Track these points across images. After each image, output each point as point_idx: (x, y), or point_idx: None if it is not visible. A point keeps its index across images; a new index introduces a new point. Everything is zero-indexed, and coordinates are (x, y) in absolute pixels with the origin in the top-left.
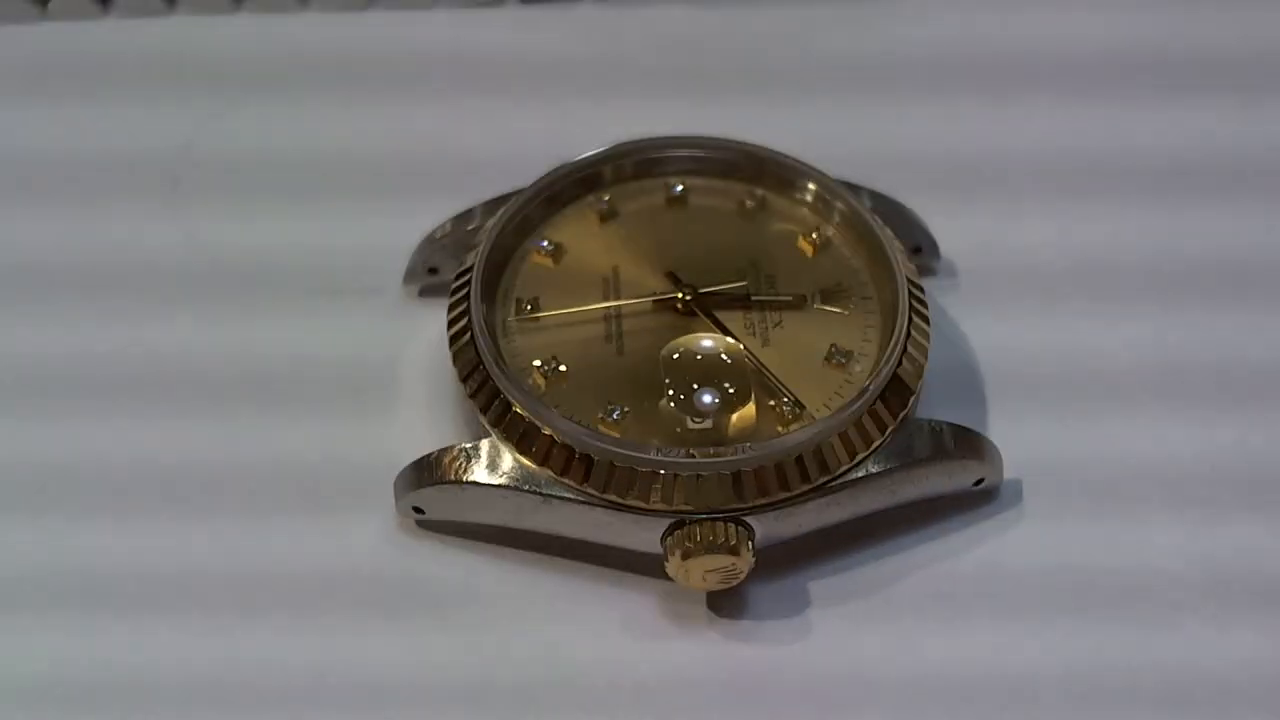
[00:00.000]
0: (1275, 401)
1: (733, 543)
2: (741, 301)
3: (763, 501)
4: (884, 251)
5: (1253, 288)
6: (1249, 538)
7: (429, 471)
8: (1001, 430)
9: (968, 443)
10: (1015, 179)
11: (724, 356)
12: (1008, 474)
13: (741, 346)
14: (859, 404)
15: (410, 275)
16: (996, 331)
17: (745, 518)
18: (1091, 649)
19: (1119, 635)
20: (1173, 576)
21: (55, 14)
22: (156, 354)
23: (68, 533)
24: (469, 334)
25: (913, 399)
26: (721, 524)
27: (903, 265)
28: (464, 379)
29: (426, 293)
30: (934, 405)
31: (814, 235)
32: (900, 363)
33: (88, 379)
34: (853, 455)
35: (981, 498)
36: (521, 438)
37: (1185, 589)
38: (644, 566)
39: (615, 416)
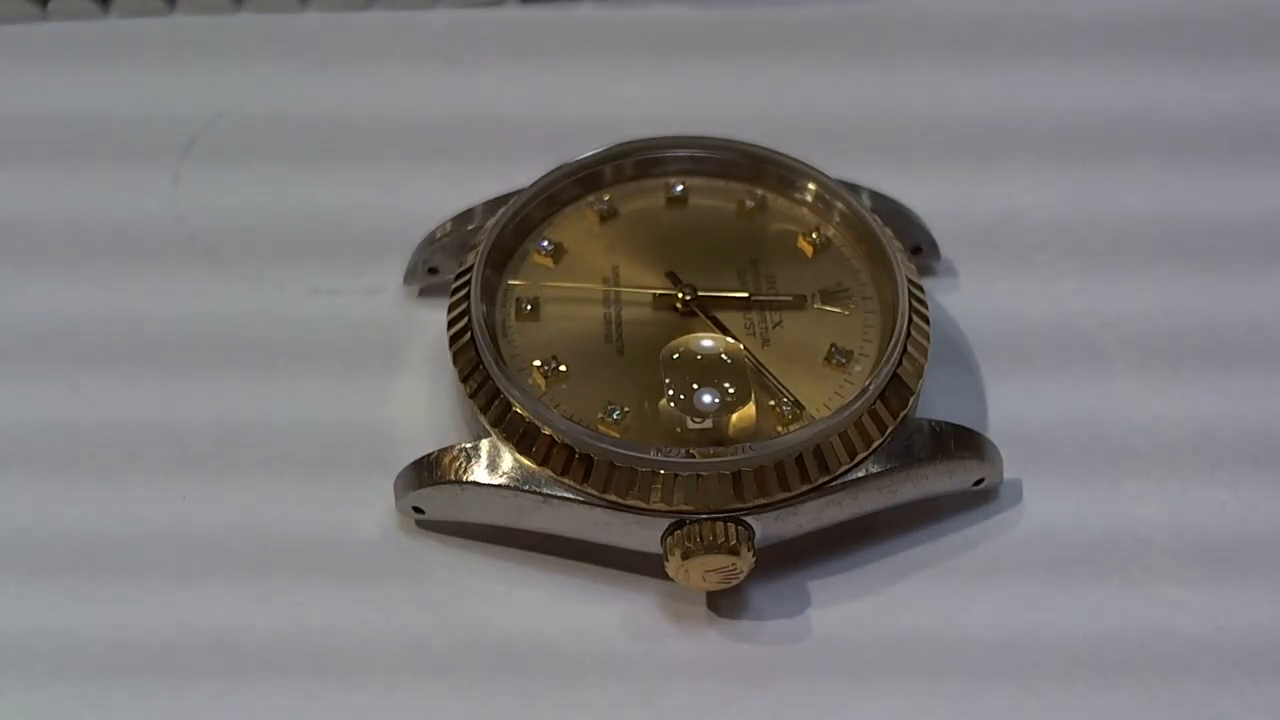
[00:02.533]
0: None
1: (733, 543)
2: (741, 301)
3: (763, 501)
4: (884, 251)
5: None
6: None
7: (429, 471)
8: (1001, 429)
9: (967, 442)
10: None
11: (724, 356)
12: (1008, 473)
13: (741, 347)
14: (859, 404)
15: (410, 275)
16: (995, 328)
17: (745, 518)
18: (1093, 649)
19: (1122, 634)
20: (1178, 576)
21: (55, 14)
22: (156, 354)
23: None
24: (469, 334)
25: (913, 399)
26: (721, 524)
27: (903, 265)
28: (464, 379)
29: (426, 293)
30: (934, 404)
31: (814, 235)
32: (900, 363)
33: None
34: (853, 455)
35: (981, 497)
36: (521, 437)
37: (1187, 585)
38: (644, 566)
39: (615, 416)
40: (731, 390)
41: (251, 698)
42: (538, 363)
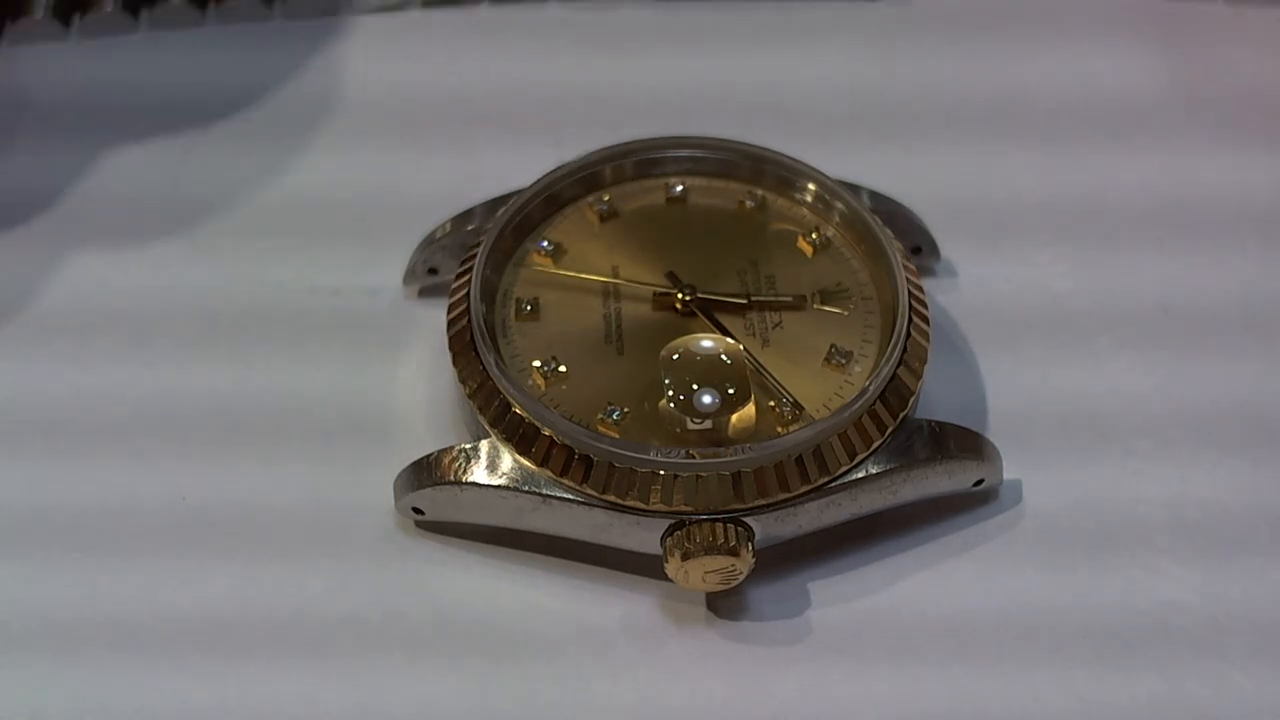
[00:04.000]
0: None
1: (732, 544)
2: (741, 302)
3: (762, 502)
4: (884, 252)
5: None
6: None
7: (428, 472)
8: (1001, 430)
9: (967, 443)
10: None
11: (723, 357)
12: (1008, 473)
13: (741, 347)
14: (858, 405)
15: (410, 276)
16: (995, 328)
17: (745, 518)
18: (1093, 650)
19: (1123, 632)
20: (1179, 577)
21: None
22: (158, 356)
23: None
24: (469, 334)
25: (912, 399)
26: (721, 525)
27: (902, 265)
28: (463, 379)
29: (426, 293)
30: (933, 405)
31: (814, 235)
32: (900, 363)
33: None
34: (852, 456)
35: (981, 498)
36: (521, 438)
37: (1187, 587)
38: (644, 567)
39: (615, 417)
40: (731, 391)
41: (251, 694)
42: (537, 363)
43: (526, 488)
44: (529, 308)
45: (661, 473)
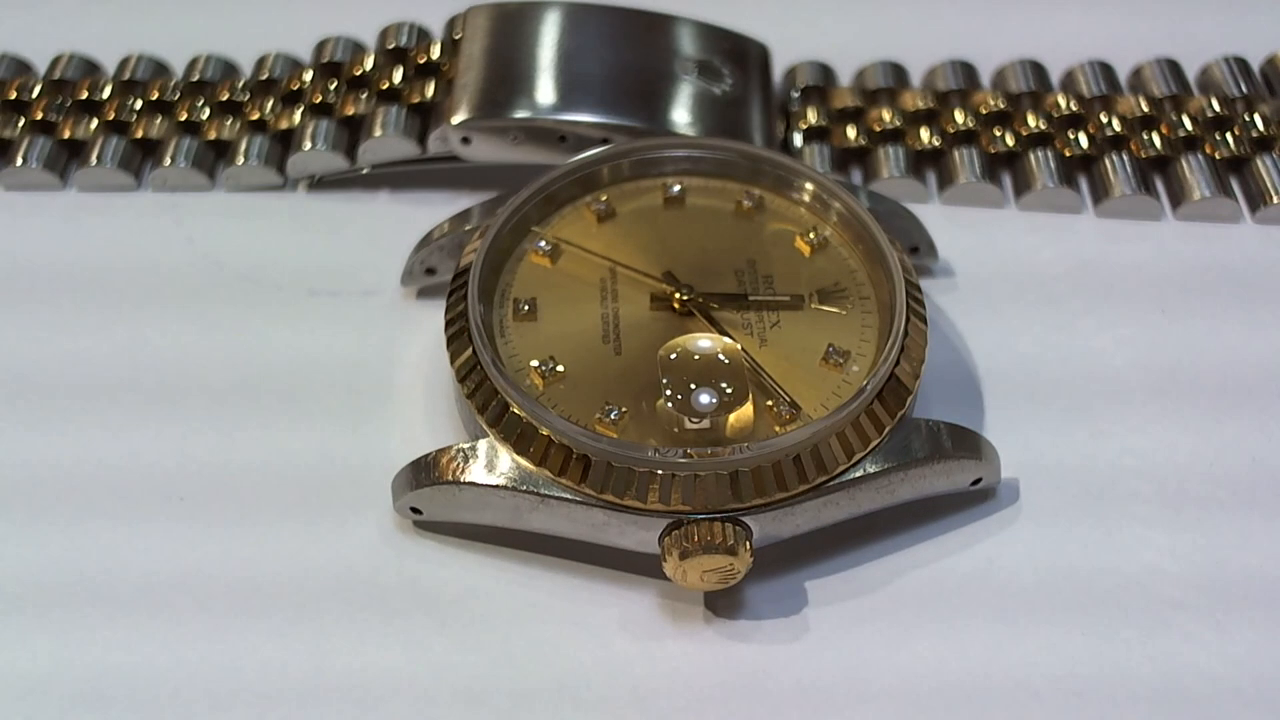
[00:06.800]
0: (1274, 404)
1: (730, 543)
2: (739, 301)
3: (760, 501)
4: (881, 251)
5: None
6: (1245, 536)
7: (426, 472)
8: (998, 430)
9: (965, 442)
10: None
11: (721, 357)
12: (1005, 474)
13: (739, 347)
14: (856, 404)
15: (408, 276)
16: (993, 330)
17: (743, 518)
18: (1088, 647)
19: (1116, 633)
20: (1169, 573)
21: None
22: (157, 358)
23: (68, 533)
24: (466, 334)
25: (910, 399)
26: (719, 524)
27: (900, 265)
28: (461, 379)
29: (424, 293)
30: (931, 404)
31: (811, 235)
32: (898, 362)
33: (84, 383)
34: (850, 455)
35: (979, 497)
36: (519, 438)
37: (1182, 588)
38: (642, 566)
39: (613, 417)
40: (729, 390)
41: (250, 688)
42: (535, 363)
43: (524, 487)
44: (526, 308)
45: (659, 472)
